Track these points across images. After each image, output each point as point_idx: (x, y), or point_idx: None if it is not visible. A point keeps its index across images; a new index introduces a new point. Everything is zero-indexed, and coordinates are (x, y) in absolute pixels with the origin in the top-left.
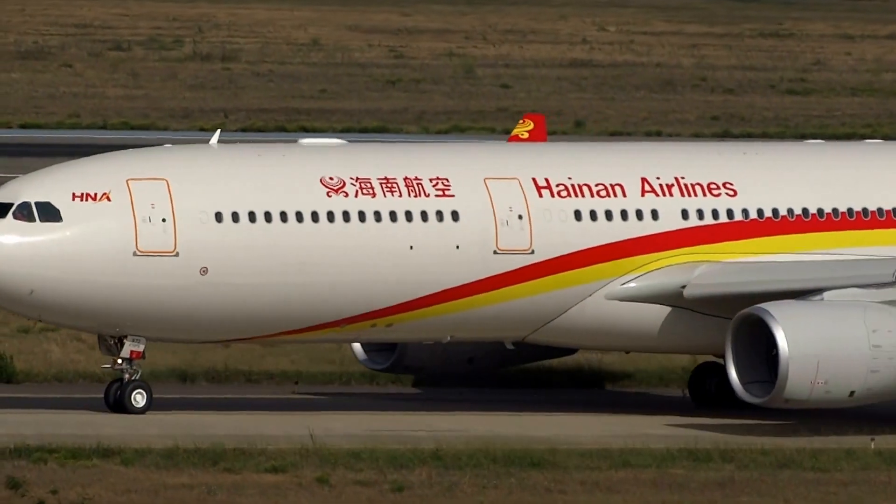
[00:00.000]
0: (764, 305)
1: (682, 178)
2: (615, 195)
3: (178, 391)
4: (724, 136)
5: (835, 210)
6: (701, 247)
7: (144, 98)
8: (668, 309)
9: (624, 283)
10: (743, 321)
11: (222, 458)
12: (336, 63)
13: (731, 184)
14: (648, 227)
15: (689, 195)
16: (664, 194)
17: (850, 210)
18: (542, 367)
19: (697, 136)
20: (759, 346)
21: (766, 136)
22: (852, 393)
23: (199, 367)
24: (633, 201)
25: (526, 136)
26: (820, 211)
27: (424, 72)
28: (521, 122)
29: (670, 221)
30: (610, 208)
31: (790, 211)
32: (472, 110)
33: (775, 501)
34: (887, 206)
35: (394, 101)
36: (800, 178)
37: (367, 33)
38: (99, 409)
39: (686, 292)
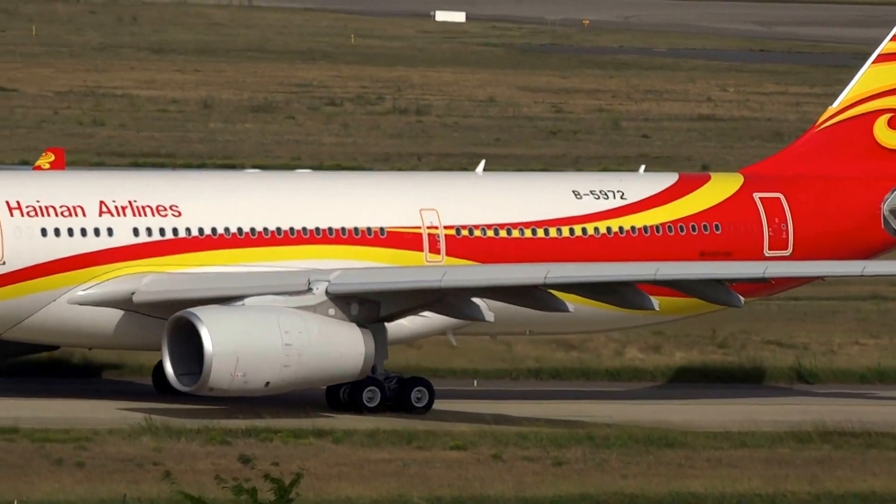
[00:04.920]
0: (192, 309)
1: (135, 200)
2: (76, 215)
3: None
4: None
5: (265, 229)
6: (150, 259)
7: (353, 145)
8: (122, 312)
9: (84, 290)
10: (176, 322)
11: (415, 437)
12: (508, 116)
13: (177, 206)
14: (105, 243)
15: (141, 215)
16: (118, 214)
17: (278, 229)
18: None
19: None
20: (191, 344)
21: None
22: (268, 383)
23: (395, 365)
24: (91, 220)
25: (48, 166)
26: (252, 230)
27: (579, 124)
28: (44, 154)
29: (124, 237)
30: (72, 226)
31: (227, 230)
32: (618, 156)
33: (864, 475)
34: (309, 226)
35: (554, 149)
36: (238, 201)
37: (534, 92)
38: (313, 399)
39: (135, 298)
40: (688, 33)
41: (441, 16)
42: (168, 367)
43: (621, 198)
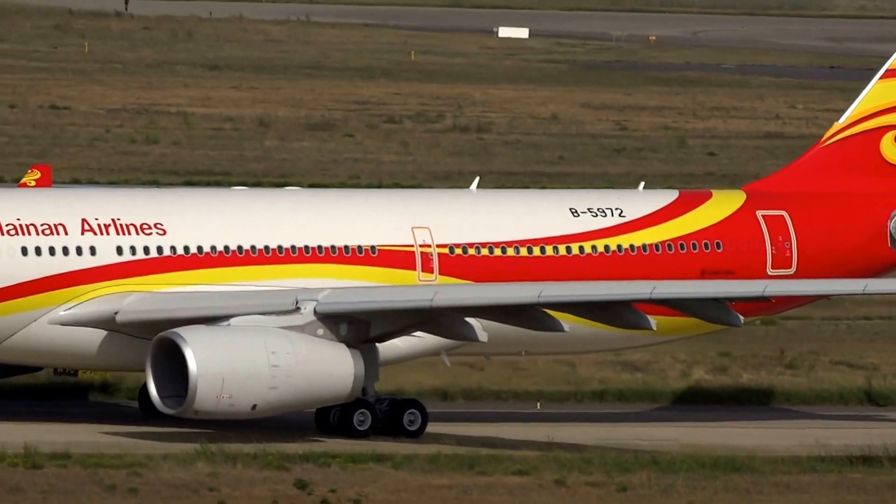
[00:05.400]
0: (177, 329)
1: (118, 218)
2: (58, 233)
3: (441, 407)
4: None
5: (252, 247)
6: (133, 278)
7: (413, 163)
8: (104, 332)
9: (66, 310)
10: (160, 343)
11: (477, 462)
12: (571, 134)
13: (162, 224)
14: (87, 262)
15: (124, 234)
16: (101, 233)
17: (266, 247)
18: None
19: None
20: (175, 365)
21: None
22: (254, 406)
23: (458, 387)
24: (73, 239)
25: (33, 183)
26: (239, 248)
27: (644, 142)
28: (30, 171)
29: (107, 256)
30: (53, 245)
31: (213, 248)
32: (683, 173)
33: None
34: (297, 244)
35: (619, 167)
36: (222, 220)
37: (597, 110)
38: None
39: (118, 318)
40: (757, 49)
41: (504, 32)
42: (152, 389)
43: (620, 215)
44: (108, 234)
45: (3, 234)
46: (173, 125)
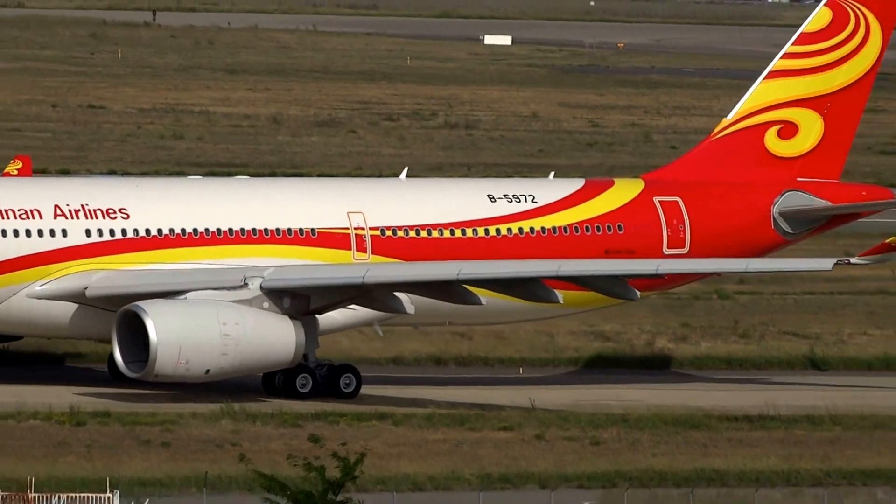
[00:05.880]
0: (139, 303)
1: (87, 204)
2: (33, 218)
3: (432, 372)
4: None
5: (206, 230)
6: (100, 257)
7: (409, 156)
8: (76, 305)
9: (41, 286)
10: (124, 314)
11: (467, 420)
12: (549, 130)
13: (126, 209)
14: (59, 243)
15: (92, 218)
16: (72, 217)
17: (218, 230)
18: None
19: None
20: (138, 334)
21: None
22: (208, 371)
23: (449, 354)
24: (47, 222)
25: (16, 173)
26: (195, 230)
27: (614, 137)
28: (13, 161)
29: (77, 238)
30: (29, 228)
31: (171, 230)
32: (649, 165)
33: (871, 454)
34: (246, 227)
35: (591, 159)
36: (179, 205)
37: (572, 108)
38: (388, 384)
39: (87, 292)
40: (713, 55)
41: (489, 39)
42: (117, 356)
43: (532, 201)
44: (77, 218)
45: None
46: (197, 122)
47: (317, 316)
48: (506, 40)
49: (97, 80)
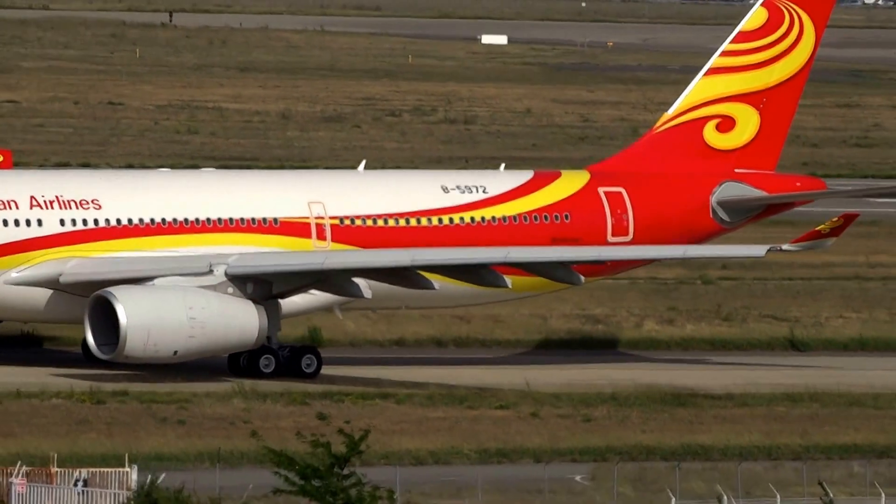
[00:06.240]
0: (110, 288)
1: (61, 195)
2: (10, 208)
3: (434, 352)
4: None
5: (174, 220)
6: (74, 246)
7: (410, 150)
8: (50, 291)
9: (18, 273)
10: (96, 300)
11: (466, 399)
12: (543, 125)
13: (98, 200)
14: (35, 232)
15: (66, 208)
16: (47, 207)
17: (185, 219)
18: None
19: None
20: (109, 318)
21: (839, 177)
22: (176, 352)
23: (449, 336)
24: (23, 212)
25: None
26: (163, 220)
27: (604, 131)
28: None
29: (52, 227)
30: (6, 217)
31: (141, 220)
32: None
33: (847, 430)
34: (212, 217)
35: (582, 152)
36: (148, 196)
37: (564, 104)
38: (385, 365)
39: (61, 279)
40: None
41: (486, 39)
42: (90, 338)
43: (483, 192)
44: (52, 208)
45: None
46: (210, 118)
47: (279, 300)
48: (502, 40)
49: (117, 78)
